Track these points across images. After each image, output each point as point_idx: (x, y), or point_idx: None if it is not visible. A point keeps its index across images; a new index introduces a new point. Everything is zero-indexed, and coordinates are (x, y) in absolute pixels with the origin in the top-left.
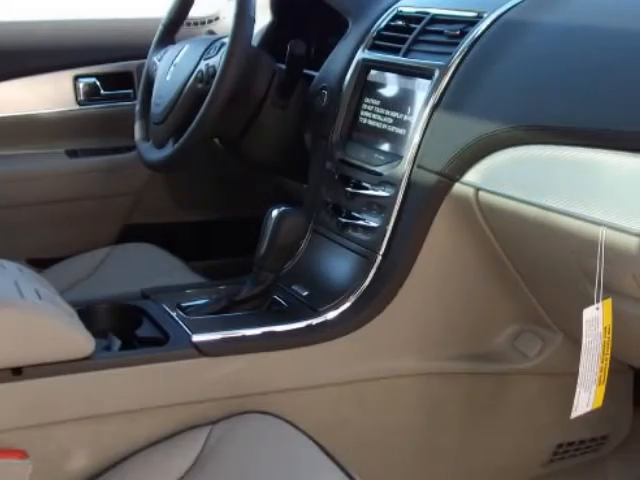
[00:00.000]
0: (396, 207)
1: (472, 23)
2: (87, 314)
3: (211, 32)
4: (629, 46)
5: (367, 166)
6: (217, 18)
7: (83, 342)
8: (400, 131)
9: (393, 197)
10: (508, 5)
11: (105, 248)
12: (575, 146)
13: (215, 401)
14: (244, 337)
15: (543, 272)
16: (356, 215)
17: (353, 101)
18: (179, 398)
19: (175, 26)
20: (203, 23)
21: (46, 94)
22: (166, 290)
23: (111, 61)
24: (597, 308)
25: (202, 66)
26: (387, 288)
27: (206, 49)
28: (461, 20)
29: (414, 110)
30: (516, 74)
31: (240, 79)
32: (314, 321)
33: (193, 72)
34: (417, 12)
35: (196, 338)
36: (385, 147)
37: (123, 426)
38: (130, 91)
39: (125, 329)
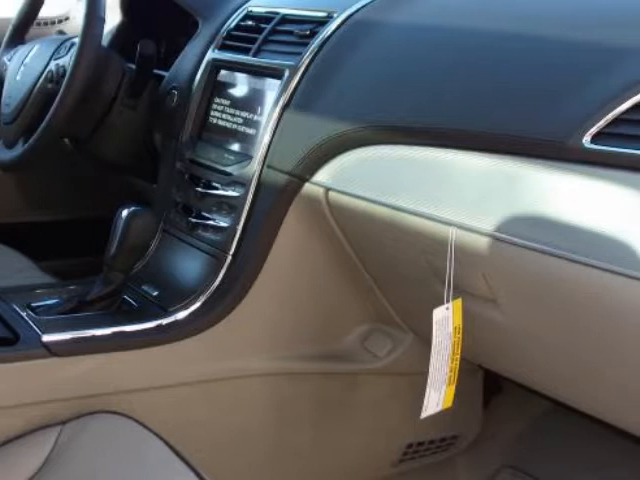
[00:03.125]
0: (246, 207)
1: (322, 23)
2: None
3: (61, 32)
4: (477, 46)
5: (217, 166)
6: (67, 18)
7: None
8: (250, 131)
9: (243, 197)
10: (358, 5)
11: None
12: (425, 146)
13: (65, 401)
14: (94, 337)
15: (393, 272)
16: (206, 215)
17: (203, 101)
18: (29, 398)
19: (25, 26)
20: (53, 23)
21: None
22: (16, 290)
23: None
24: (447, 308)
25: (52, 66)
26: (237, 288)
27: (56, 49)
28: (311, 20)
29: (264, 110)
30: (365, 74)
31: (90, 79)
32: (164, 321)
33: (43, 72)
34: (267, 12)
35: (46, 338)
36: (235, 147)
37: None
38: None
39: None
